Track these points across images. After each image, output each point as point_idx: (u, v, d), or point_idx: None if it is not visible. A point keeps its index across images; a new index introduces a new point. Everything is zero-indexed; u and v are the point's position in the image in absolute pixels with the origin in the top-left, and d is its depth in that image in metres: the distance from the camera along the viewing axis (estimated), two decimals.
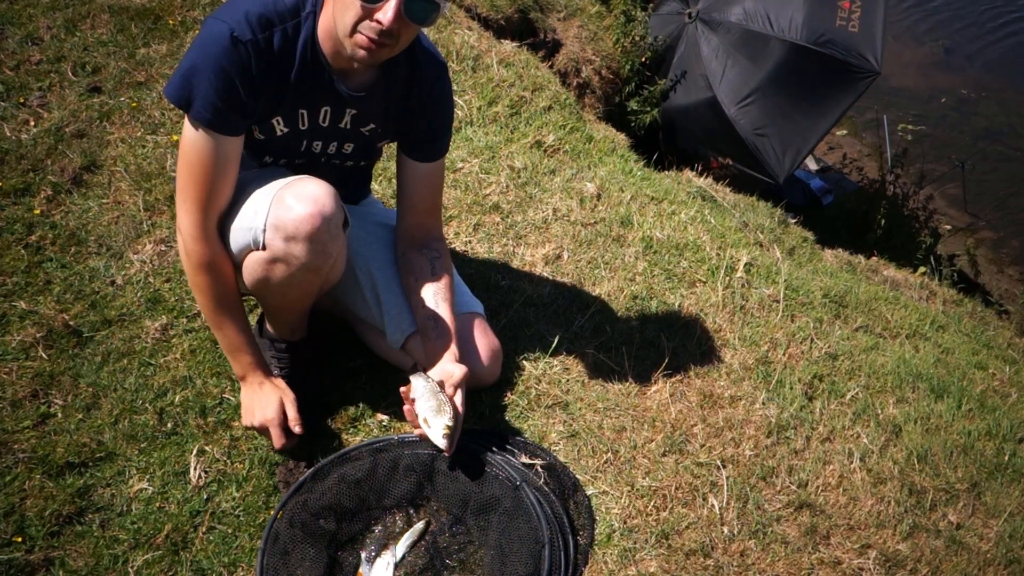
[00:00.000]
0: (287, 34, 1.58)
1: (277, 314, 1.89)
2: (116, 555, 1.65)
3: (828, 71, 4.51)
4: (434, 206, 1.95)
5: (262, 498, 1.78)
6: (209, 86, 1.54)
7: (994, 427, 2.37)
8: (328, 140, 1.80)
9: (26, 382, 1.90)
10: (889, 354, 2.54)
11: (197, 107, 1.56)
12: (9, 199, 2.32)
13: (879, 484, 2.07)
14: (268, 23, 1.55)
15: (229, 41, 1.52)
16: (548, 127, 3.10)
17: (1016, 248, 5.62)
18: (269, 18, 1.55)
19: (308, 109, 1.72)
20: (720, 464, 2.00)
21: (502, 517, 1.70)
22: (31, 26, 2.92)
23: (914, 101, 6.70)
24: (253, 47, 1.53)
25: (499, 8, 4.19)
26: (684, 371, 2.22)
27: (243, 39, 1.52)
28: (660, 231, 2.69)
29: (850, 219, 5.11)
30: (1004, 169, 6.18)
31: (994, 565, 1.97)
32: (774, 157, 4.64)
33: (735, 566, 1.81)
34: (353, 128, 1.79)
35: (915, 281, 3.60)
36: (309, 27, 1.60)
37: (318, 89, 1.68)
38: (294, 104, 1.69)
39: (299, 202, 1.61)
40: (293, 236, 1.61)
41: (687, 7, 5.18)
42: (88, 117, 2.64)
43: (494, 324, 2.09)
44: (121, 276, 2.19)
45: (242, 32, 1.52)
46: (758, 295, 2.55)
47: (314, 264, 1.66)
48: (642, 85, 5.02)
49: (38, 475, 1.74)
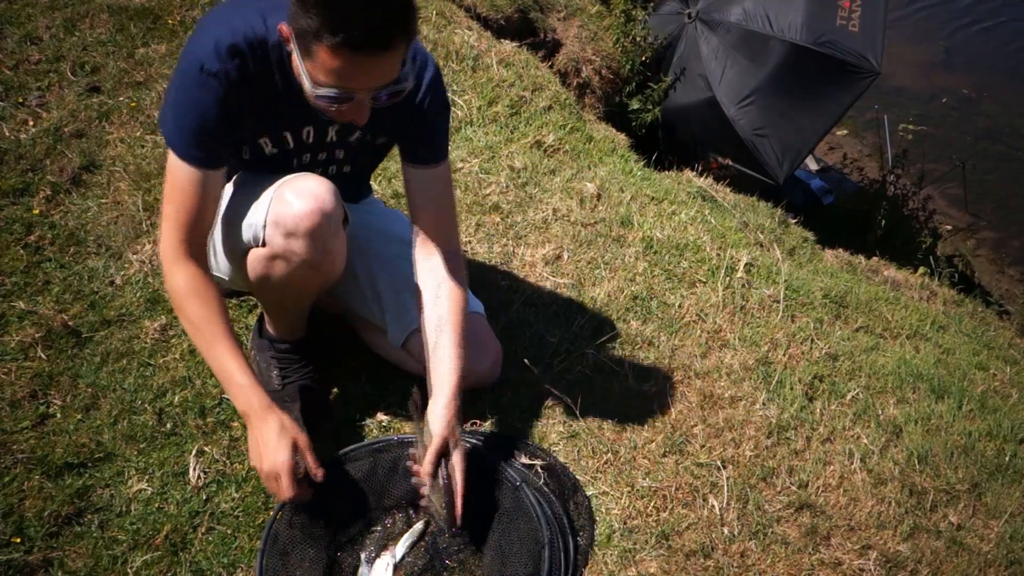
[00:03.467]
0: (258, 61, 1.54)
1: (277, 312, 1.89)
2: (115, 556, 1.64)
3: (828, 71, 4.50)
4: (440, 216, 1.81)
5: (261, 499, 1.77)
6: (185, 121, 1.53)
7: (995, 428, 2.37)
8: (316, 152, 1.78)
9: (25, 382, 1.90)
10: (890, 355, 2.54)
11: (175, 142, 1.55)
12: (8, 199, 2.32)
13: (880, 485, 2.07)
14: (236, 51, 1.50)
15: (199, 74, 1.49)
16: (548, 127, 3.10)
17: (1017, 248, 5.62)
18: (238, 46, 1.50)
19: (291, 131, 1.70)
20: (720, 465, 1.99)
21: (502, 518, 1.70)
22: (30, 26, 2.92)
23: (914, 101, 6.69)
24: (224, 77, 1.50)
25: (499, 8, 4.18)
26: (684, 371, 2.22)
27: (212, 71, 1.49)
28: (660, 231, 2.69)
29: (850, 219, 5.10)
30: (1005, 169, 6.17)
31: (995, 566, 1.97)
32: (774, 157, 4.64)
33: (735, 567, 1.80)
34: (340, 139, 1.77)
35: (915, 281, 3.60)
36: (277, 55, 1.55)
37: (296, 112, 1.63)
38: (277, 127, 1.67)
39: (299, 198, 1.60)
40: (293, 232, 1.61)
41: (687, 7, 5.17)
42: (87, 117, 2.64)
43: (494, 324, 2.08)
44: (120, 276, 2.18)
45: (211, 64, 1.49)
46: (758, 295, 2.55)
47: (314, 261, 1.66)
48: (643, 85, 5.02)
49: (37, 475, 1.73)
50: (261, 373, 1.94)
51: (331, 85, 1.42)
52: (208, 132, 1.54)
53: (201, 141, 1.54)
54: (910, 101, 6.67)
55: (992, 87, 6.86)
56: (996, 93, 6.82)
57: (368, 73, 1.42)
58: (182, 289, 1.58)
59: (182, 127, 1.53)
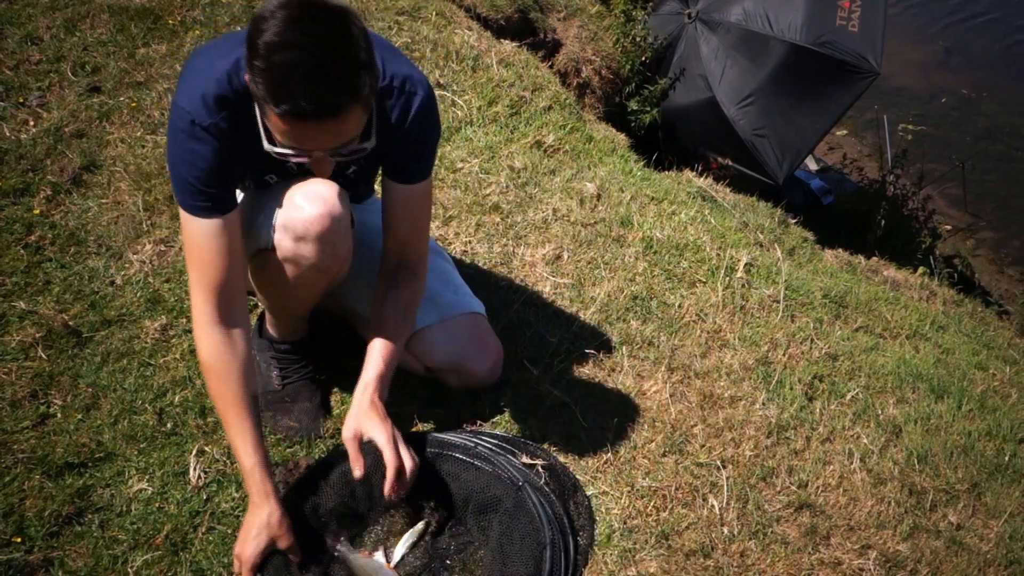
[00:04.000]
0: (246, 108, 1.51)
1: (280, 314, 1.89)
2: (115, 555, 1.64)
3: (828, 71, 4.50)
4: (410, 234, 1.79)
5: None
6: (185, 176, 1.52)
7: (994, 428, 2.37)
8: None
9: (25, 382, 1.90)
10: (889, 354, 2.54)
11: (180, 198, 1.55)
12: (8, 199, 2.32)
13: (879, 485, 2.07)
14: (224, 102, 1.49)
15: (191, 129, 1.49)
16: (548, 127, 3.10)
17: (1016, 248, 5.62)
18: (225, 96, 1.49)
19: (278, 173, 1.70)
20: (720, 464, 1.99)
21: (503, 517, 1.70)
22: (30, 26, 2.92)
23: (914, 101, 6.70)
24: (215, 129, 1.50)
25: (499, 8, 4.18)
26: (684, 371, 2.22)
27: (203, 124, 1.49)
28: (660, 231, 2.69)
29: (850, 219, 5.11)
30: (1005, 169, 6.18)
31: (994, 566, 1.97)
32: (773, 158, 4.64)
33: (735, 567, 1.80)
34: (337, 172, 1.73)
35: (915, 281, 3.60)
36: None
37: None
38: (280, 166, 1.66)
39: (308, 203, 1.60)
40: (303, 237, 1.61)
41: (686, 7, 5.17)
42: (87, 117, 2.64)
43: (494, 324, 2.08)
44: (120, 276, 2.18)
45: (201, 118, 1.49)
46: (758, 295, 2.55)
47: (323, 264, 1.66)
48: (643, 85, 5.02)
49: (37, 475, 1.74)
50: (261, 373, 1.94)
51: (285, 145, 1.42)
52: (210, 182, 1.53)
53: (204, 192, 1.53)
54: (910, 101, 6.68)
55: (992, 87, 6.87)
56: (996, 93, 6.83)
57: (319, 138, 1.41)
58: (204, 362, 1.60)
59: (184, 182, 1.53)
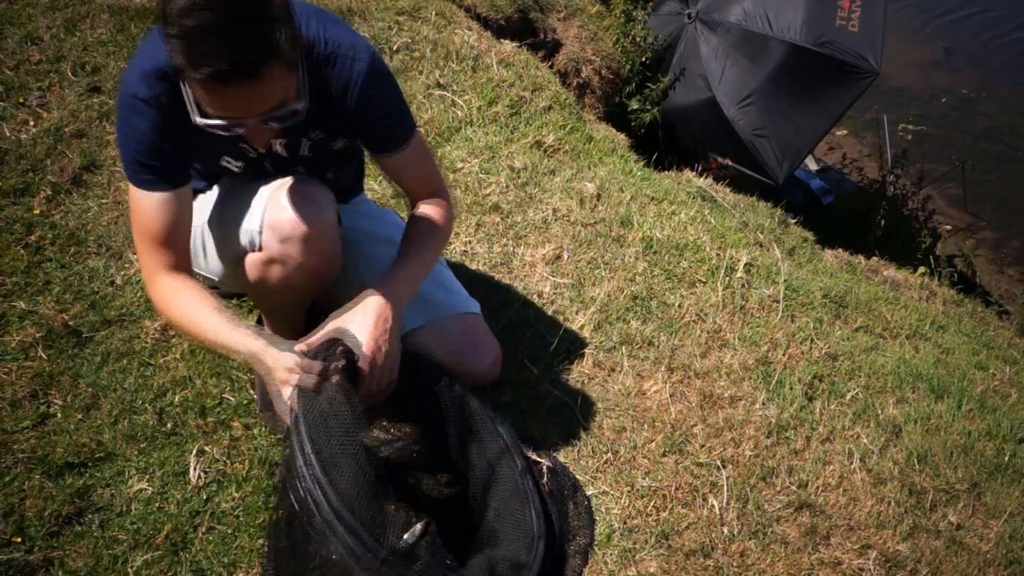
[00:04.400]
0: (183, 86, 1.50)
1: (275, 315, 1.89)
2: (115, 555, 1.64)
3: (828, 71, 4.50)
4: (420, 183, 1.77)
5: (262, 498, 1.78)
6: (128, 149, 1.53)
7: (994, 427, 2.37)
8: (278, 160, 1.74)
9: (25, 382, 1.90)
10: (889, 354, 2.54)
11: (126, 171, 1.56)
12: (8, 199, 2.32)
13: (879, 484, 2.07)
14: (163, 75, 1.48)
15: (131, 102, 1.50)
16: (548, 127, 3.10)
17: (1016, 248, 5.62)
18: (164, 71, 1.48)
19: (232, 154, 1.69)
20: (720, 464, 2.00)
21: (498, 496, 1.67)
22: (30, 26, 2.92)
23: (914, 101, 6.69)
24: (155, 102, 1.50)
25: (499, 8, 4.18)
26: (684, 371, 2.22)
27: (141, 96, 1.49)
28: (660, 231, 2.69)
29: (850, 219, 5.11)
30: (1005, 169, 6.17)
31: (994, 566, 1.97)
32: (773, 158, 4.64)
33: (735, 567, 1.80)
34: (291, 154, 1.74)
35: (915, 281, 3.60)
36: None
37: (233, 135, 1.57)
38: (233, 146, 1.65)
39: (294, 203, 1.60)
40: (289, 237, 1.61)
41: (686, 7, 5.17)
42: (88, 117, 2.64)
43: (494, 324, 2.09)
44: (121, 276, 2.19)
45: (139, 90, 1.49)
46: (758, 295, 2.55)
47: (310, 264, 1.66)
48: (643, 84, 5.02)
49: (37, 475, 1.74)
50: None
51: (212, 116, 1.40)
52: (151, 155, 1.53)
53: (146, 165, 1.53)
54: (910, 101, 6.67)
55: (992, 87, 6.87)
56: (996, 93, 6.82)
57: (245, 102, 1.37)
58: (166, 294, 1.57)
59: (127, 155, 1.54)
